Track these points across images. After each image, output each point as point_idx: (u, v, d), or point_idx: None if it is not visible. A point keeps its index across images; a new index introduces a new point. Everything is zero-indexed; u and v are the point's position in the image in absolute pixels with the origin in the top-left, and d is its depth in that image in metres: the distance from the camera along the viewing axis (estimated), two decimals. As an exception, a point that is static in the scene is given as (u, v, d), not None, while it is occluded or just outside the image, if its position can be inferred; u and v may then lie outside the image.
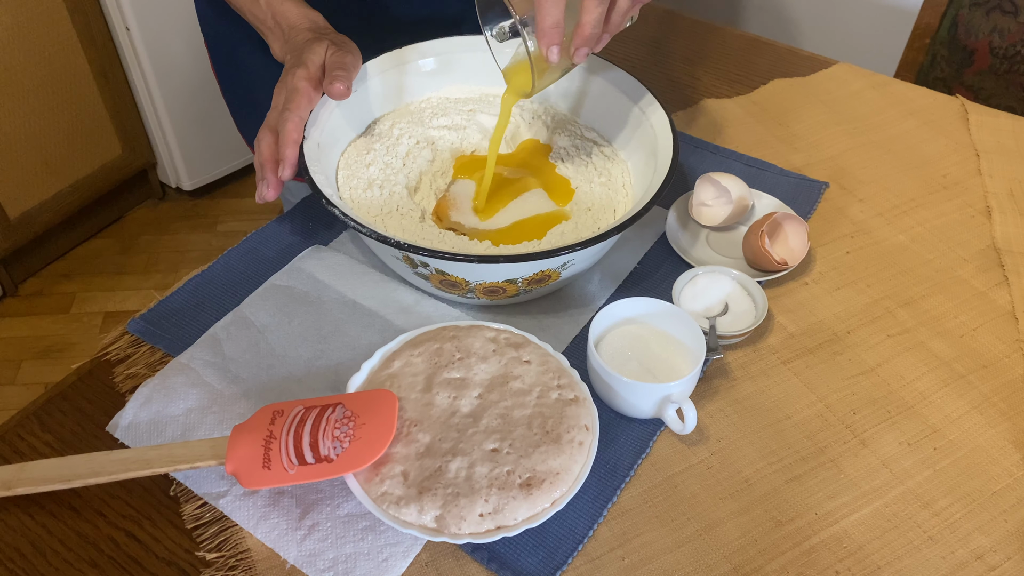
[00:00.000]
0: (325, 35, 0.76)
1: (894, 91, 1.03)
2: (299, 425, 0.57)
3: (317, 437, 0.57)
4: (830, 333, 0.74)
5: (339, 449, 0.56)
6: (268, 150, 0.71)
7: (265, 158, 0.71)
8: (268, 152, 0.71)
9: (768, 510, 0.62)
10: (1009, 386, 0.70)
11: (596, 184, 0.79)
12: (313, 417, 0.58)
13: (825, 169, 0.91)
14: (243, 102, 1.00)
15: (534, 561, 0.58)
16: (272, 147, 0.71)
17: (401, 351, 0.64)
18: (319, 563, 0.57)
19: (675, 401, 0.63)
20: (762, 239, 0.75)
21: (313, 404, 0.59)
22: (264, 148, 0.71)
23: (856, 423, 0.67)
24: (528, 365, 0.63)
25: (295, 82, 0.71)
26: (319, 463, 0.56)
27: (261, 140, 0.72)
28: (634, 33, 1.13)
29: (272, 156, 0.71)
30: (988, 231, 0.84)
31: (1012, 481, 0.64)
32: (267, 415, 0.59)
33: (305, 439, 0.57)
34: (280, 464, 0.56)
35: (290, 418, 0.58)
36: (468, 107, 0.86)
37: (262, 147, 0.71)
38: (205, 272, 0.77)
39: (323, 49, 0.73)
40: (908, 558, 0.59)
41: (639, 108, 0.79)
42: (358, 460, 0.56)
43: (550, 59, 0.63)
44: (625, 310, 0.69)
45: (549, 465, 0.57)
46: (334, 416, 0.58)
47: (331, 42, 0.74)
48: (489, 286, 0.68)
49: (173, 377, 0.67)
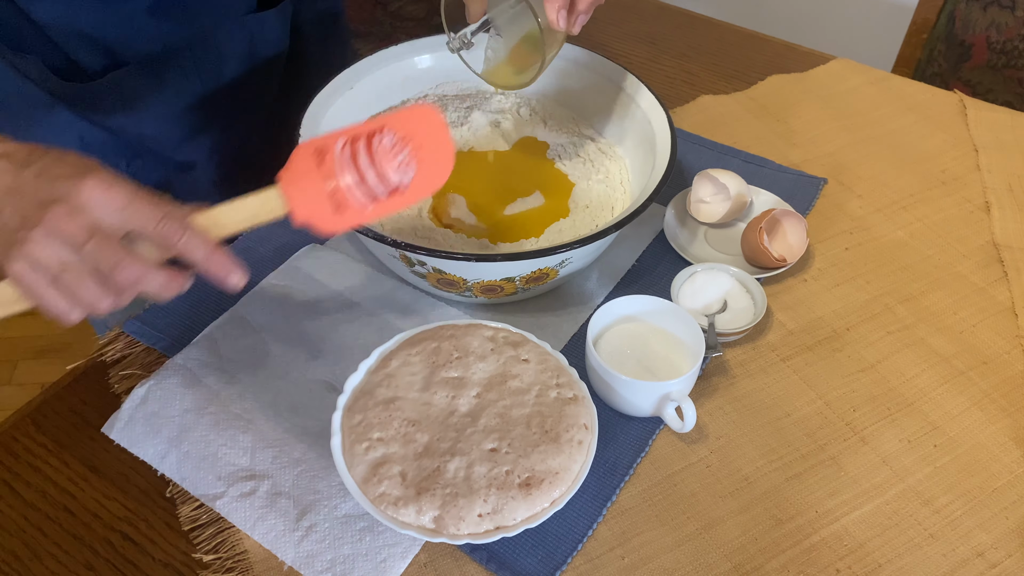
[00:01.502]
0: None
1: (892, 87, 1.02)
2: (354, 160, 0.53)
3: (383, 169, 0.53)
4: (829, 330, 0.74)
5: (407, 176, 0.52)
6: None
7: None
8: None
9: (768, 508, 0.62)
10: (1009, 382, 0.70)
11: (594, 181, 0.79)
12: (363, 148, 0.53)
13: (823, 165, 0.91)
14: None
15: (533, 561, 0.58)
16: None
17: (399, 350, 0.63)
18: (317, 564, 0.57)
19: (674, 399, 0.63)
20: (760, 236, 0.74)
21: (356, 134, 0.53)
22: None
23: (856, 420, 0.67)
24: (527, 364, 0.62)
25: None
26: (392, 195, 0.52)
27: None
28: (631, 29, 1.12)
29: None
30: (987, 227, 0.84)
31: (1012, 478, 0.64)
32: (309, 157, 0.53)
33: (369, 174, 0.53)
34: (352, 204, 0.52)
35: (340, 155, 0.53)
36: (465, 104, 0.86)
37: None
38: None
39: None
40: (909, 556, 0.59)
41: (637, 105, 0.79)
42: (429, 184, 0.52)
43: (559, 25, 0.65)
44: (624, 308, 0.68)
45: (548, 464, 0.57)
46: (385, 143, 0.53)
47: None
48: (487, 284, 0.68)
49: (169, 378, 0.66)
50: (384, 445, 0.58)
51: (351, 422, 0.59)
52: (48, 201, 0.50)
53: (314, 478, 0.61)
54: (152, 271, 0.51)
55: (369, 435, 0.58)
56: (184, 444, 0.63)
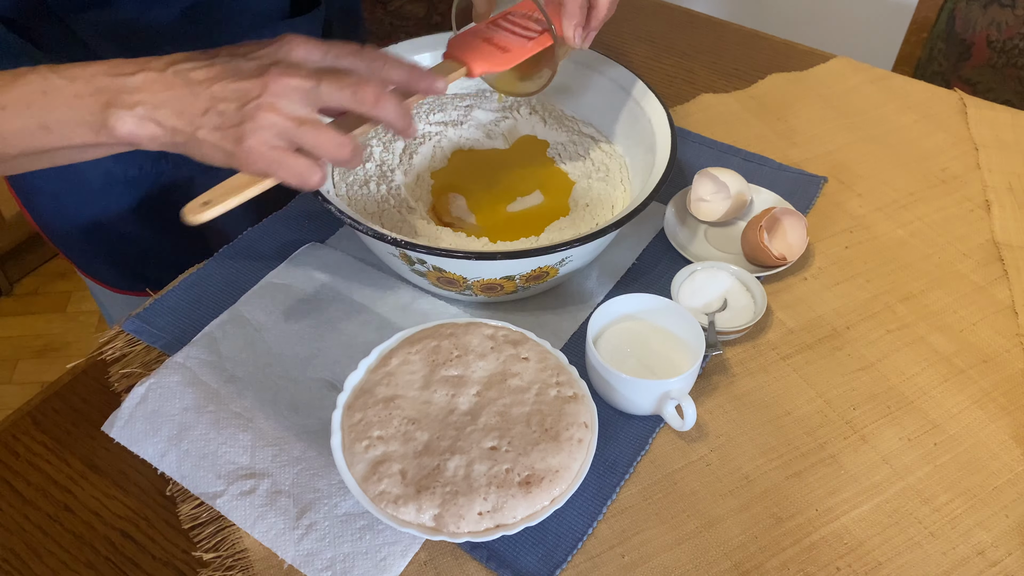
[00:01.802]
0: None
1: (892, 85, 1.02)
2: (496, 23, 0.68)
3: (523, 22, 0.68)
4: (829, 328, 0.74)
5: (538, 27, 0.67)
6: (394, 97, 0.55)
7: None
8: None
9: (768, 507, 0.62)
10: (1009, 381, 0.70)
11: (594, 180, 0.79)
12: (500, 20, 0.68)
13: (823, 164, 0.91)
14: None
15: (533, 559, 0.58)
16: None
17: (399, 349, 0.63)
18: (317, 563, 0.57)
19: (674, 398, 0.63)
20: (761, 234, 0.74)
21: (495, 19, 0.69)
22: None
23: (856, 419, 0.67)
24: (526, 362, 0.62)
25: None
26: (540, 36, 0.66)
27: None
28: (631, 28, 1.12)
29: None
30: (987, 225, 0.84)
31: (1013, 476, 0.64)
32: (467, 36, 0.66)
33: (513, 26, 0.68)
34: (513, 45, 0.65)
35: (484, 25, 0.68)
36: (465, 103, 0.86)
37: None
38: (201, 270, 0.76)
39: None
40: (909, 554, 0.59)
41: (637, 103, 0.79)
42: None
43: (575, 42, 0.67)
44: (624, 306, 0.68)
45: (548, 463, 0.57)
46: (513, 15, 0.69)
47: None
48: (487, 283, 0.68)
49: (169, 376, 0.66)
50: (384, 443, 0.58)
51: (351, 420, 0.59)
52: (259, 71, 0.52)
53: (314, 476, 0.61)
54: (386, 98, 0.54)
55: (369, 433, 0.58)
56: (184, 442, 0.63)
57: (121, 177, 0.82)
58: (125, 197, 0.83)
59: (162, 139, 0.52)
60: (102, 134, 0.52)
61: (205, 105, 0.52)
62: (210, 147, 0.52)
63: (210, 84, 0.52)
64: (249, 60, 0.53)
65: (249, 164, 0.52)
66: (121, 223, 0.85)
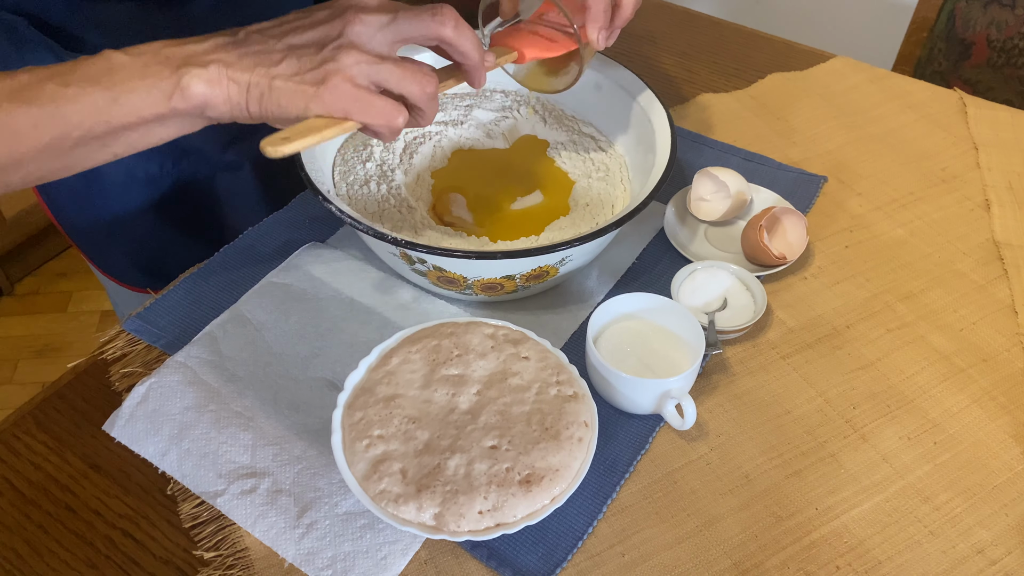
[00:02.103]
0: None
1: (892, 85, 1.02)
2: (538, 19, 0.69)
3: (558, 18, 0.69)
4: (829, 328, 0.74)
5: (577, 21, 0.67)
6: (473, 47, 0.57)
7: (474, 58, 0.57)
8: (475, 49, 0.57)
9: (768, 505, 0.62)
10: (1009, 380, 0.70)
11: (594, 179, 0.79)
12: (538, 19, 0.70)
13: (823, 163, 0.91)
14: None
15: (534, 558, 0.58)
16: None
17: (399, 348, 0.63)
18: (317, 561, 0.57)
19: (674, 397, 0.63)
20: (760, 234, 0.74)
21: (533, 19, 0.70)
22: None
23: (856, 418, 0.67)
24: (527, 361, 0.62)
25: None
26: (579, 30, 0.66)
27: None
28: (631, 28, 1.12)
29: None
30: (987, 224, 0.84)
31: (1013, 475, 0.64)
32: (511, 30, 0.67)
33: (550, 22, 0.69)
34: (558, 37, 0.67)
35: (528, 24, 0.69)
36: (465, 102, 0.86)
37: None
38: (201, 269, 0.76)
39: None
40: (909, 553, 0.59)
41: (637, 103, 0.79)
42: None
43: (600, 45, 0.67)
44: (624, 306, 0.69)
45: (548, 462, 0.57)
46: (549, 16, 0.70)
47: None
48: (487, 282, 0.68)
49: (170, 375, 0.67)
50: (384, 442, 0.58)
51: (351, 419, 0.59)
52: (334, 15, 0.52)
53: (315, 475, 0.61)
54: (464, 23, 0.55)
55: (369, 432, 0.58)
56: (185, 442, 0.63)
57: (142, 175, 0.82)
58: (146, 194, 0.84)
59: (236, 98, 0.51)
60: (175, 98, 0.50)
61: (282, 53, 0.51)
62: (289, 94, 0.51)
63: (285, 35, 0.51)
64: (322, 10, 0.52)
65: (332, 105, 0.51)
66: (141, 220, 0.85)
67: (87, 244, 0.89)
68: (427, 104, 0.55)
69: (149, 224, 0.86)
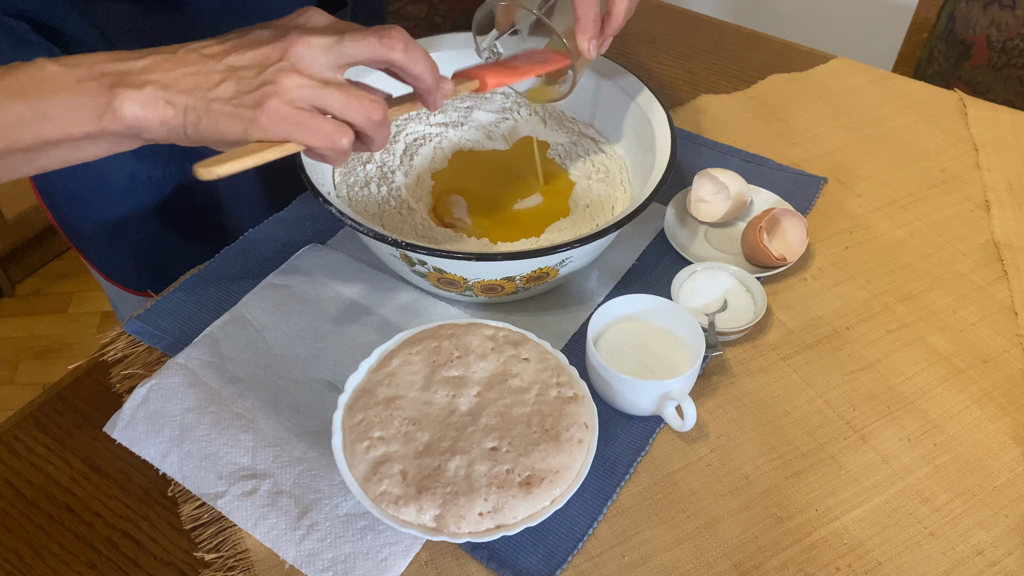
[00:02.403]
0: None
1: (892, 86, 1.02)
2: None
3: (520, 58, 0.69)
4: (829, 329, 0.74)
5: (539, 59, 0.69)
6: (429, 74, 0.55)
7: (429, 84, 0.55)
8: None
9: (768, 507, 0.62)
10: (1009, 381, 0.70)
11: (594, 181, 0.79)
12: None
13: (823, 164, 0.91)
14: None
15: (534, 560, 0.58)
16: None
17: (399, 349, 0.63)
18: (318, 563, 0.57)
19: (674, 398, 0.63)
20: (760, 235, 0.74)
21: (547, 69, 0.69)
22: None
23: (856, 419, 0.67)
24: (527, 363, 0.62)
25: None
26: (536, 65, 0.68)
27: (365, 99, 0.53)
28: (630, 29, 1.12)
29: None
30: (987, 225, 0.84)
31: (1012, 476, 0.64)
32: (482, 69, 0.65)
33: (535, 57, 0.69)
34: (525, 63, 0.67)
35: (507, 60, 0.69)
36: (465, 104, 0.86)
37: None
38: (202, 271, 0.76)
39: None
40: (908, 554, 0.59)
41: (636, 104, 0.79)
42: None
43: (591, 54, 0.66)
44: (624, 307, 0.69)
45: (548, 463, 0.57)
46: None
47: None
48: (487, 284, 0.68)
49: (170, 377, 0.67)
50: (385, 444, 0.58)
51: (352, 421, 0.59)
52: (277, 36, 0.50)
53: (315, 477, 0.61)
54: (415, 45, 0.53)
55: (370, 434, 0.58)
56: (185, 443, 0.63)
57: (145, 179, 0.82)
58: (149, 199, 0.83)
59: (172, 121, 0.49)
60: (105, 119, 0.48)
61: (221, 76, 0.49)
62: (227, 118, 0.49)
63: (225, 55, 0.49)
64: (265, 29, 0.50)
65: (271, 129, 0.49)
66: (144, 225, 0.85)
67: (88, 247, 0.89)
68: (374, 131, 0.52)
69: (151, 227, 0.86)
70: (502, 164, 0.82)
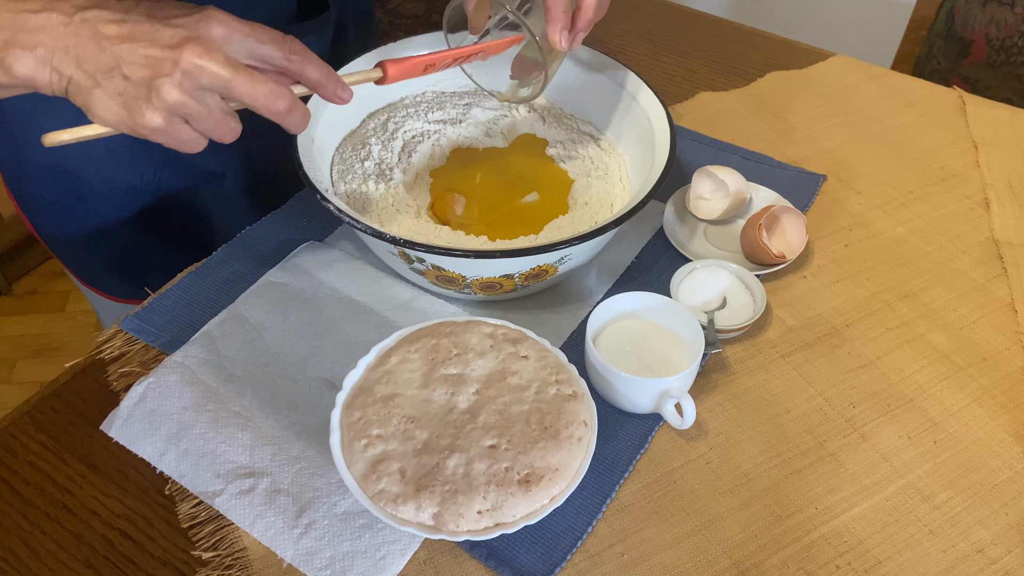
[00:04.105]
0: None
1: (891, 83, 1.02)
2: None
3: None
4: (829, 327, 0.74)
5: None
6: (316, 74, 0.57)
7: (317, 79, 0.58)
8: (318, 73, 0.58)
9: (768, 505, 0.61)
10: (1009, 378, 0.70)
11: (593, 178, 0.79)
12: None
13: (823, 162, 0.91)
14: None
15: (533, 558, 0.58)
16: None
17: (398, 347, 0.63)
18: (316, 561, 0.57)
19: (674, 396, 0.63)
20: (760, 232, 0.74)
21: (459, 55, 0.68)
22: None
23: (856, 417, 0.67)
24: (526, 361, 0.62)
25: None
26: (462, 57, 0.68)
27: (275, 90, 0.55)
28: (630, 26, 1.12)
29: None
30: (987, 223, 0.84)
31: (1012, 474, 0.64)
32: (421, 65, 0.65)
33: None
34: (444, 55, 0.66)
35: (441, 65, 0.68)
36: (464, 101, 0.86)
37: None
38: (199, 269, 0.76)
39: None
40: (909, 552, 0.59)
41: (636, 101, 0.79)
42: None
43: (562, 46, 0.66)
44: (623, 305, 0.68)
45: (547, 461, 0.57)
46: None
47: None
48: (486, 281, 0.68)
49: (168, 375, 0.66)
50: (383, 442, 0.58)
51: (350, 419, 0.59)
52: (174, 43, 0.50)
53: (313, 475, 0.61)
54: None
55: (368, 432, 0.58)
56: (183, 441, 0.63)
57: (122, 186, 0.81)
58: (126, 206, 0.83)
59: (57, 87, 0.51)
60: (0, 72, 0.50)
61: (110, 64, 0.50)
62: (106, 108, 0.51)
63: (119, 42, 0.50)
64: (166, 27, 0.51)
65: (145, 135, 0.52)
66: (122, 232, 0.84)
67: (66, 254, 0.88)
68: (281, 119, 0.55)
69: (129, 235, 0.85)
70: (501, 161, 0.82)
